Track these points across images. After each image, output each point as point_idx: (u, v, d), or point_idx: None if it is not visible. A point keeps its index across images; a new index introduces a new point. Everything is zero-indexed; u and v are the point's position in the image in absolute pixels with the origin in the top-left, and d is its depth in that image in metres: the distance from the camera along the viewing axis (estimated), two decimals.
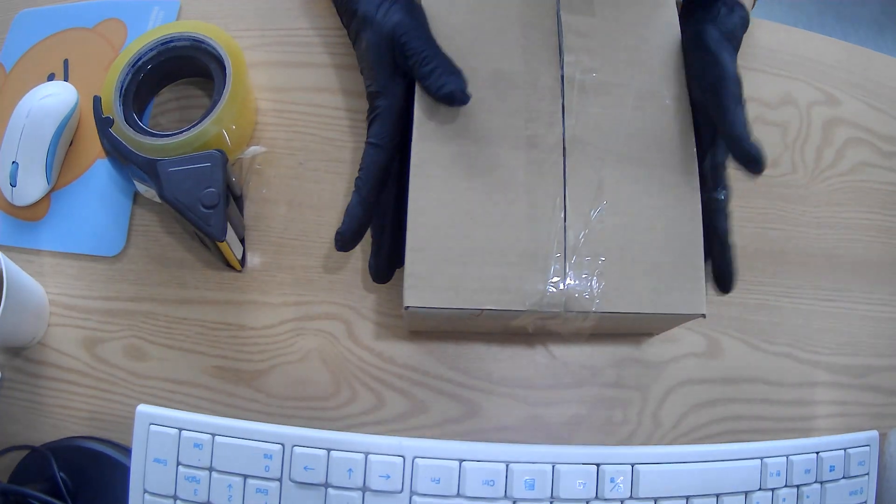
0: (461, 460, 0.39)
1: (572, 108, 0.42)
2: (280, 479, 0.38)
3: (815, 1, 1.58)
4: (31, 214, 0.47)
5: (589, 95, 0.42)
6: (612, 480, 0.39)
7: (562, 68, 0.42)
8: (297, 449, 0.39)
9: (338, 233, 0.41)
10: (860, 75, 0.56)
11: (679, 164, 0.42)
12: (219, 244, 0.41)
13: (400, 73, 0.42)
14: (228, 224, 0.41)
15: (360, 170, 0.42)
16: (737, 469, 0.41)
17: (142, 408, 0.39)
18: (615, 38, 0.44)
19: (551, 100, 0.42)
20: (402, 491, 0.39)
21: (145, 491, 0.38)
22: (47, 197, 0.48)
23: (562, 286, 0.39)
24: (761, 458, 0.41)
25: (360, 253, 0.47)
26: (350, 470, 0.38)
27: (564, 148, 0.41)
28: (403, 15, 0.42)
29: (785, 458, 0.42)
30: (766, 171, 0.51)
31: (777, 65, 0.55)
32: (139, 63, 0.46)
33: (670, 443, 0.45)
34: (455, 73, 0.40)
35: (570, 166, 0.41)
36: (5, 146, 0.47)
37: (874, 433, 0.44)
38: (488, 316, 0.39)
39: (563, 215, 0.40)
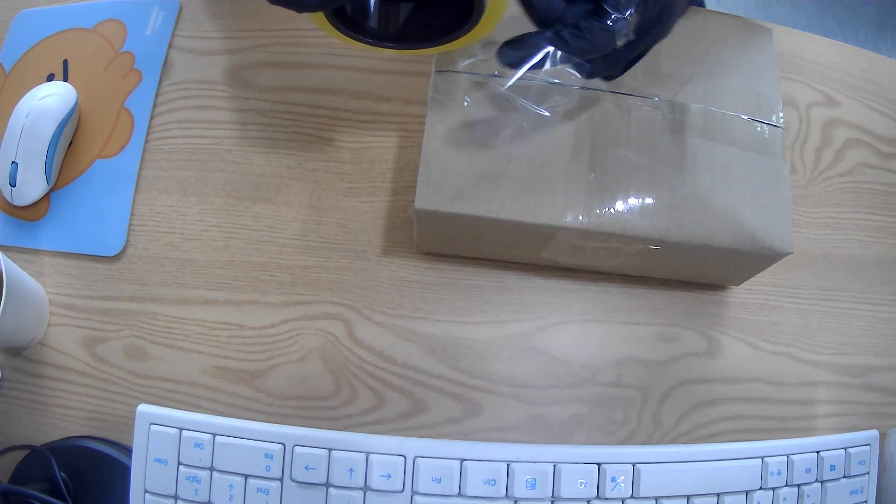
0: (462, 460, 0.39)
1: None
2: (281, 479, 0.38)
3: (815, 2, 1.58)
4: (30, 214, 0.47)
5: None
6: (613, 480, 0.39)
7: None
8: (297, 448, 0.38)
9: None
10: (859, 77, 0.56)
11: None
12: None
13: None
14: None
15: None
16: (737, 468, 0.41)
17: (142, 407, 0.39)
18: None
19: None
20: (403, 490, 0.38)
21: (146, 491, 0.38)
22: (47, 197, 0.48)
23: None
24: (762, 458, 0.41)
25: (361, 253, 0.47)
26: (351, 470, 0.38)
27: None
28: None
29: (785, 457, 0.42)
30: None
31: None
32: None
33: (671, 442, 0.45)
34: None
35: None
36: (5, 146, 0.47)
37: (874, 432, 0.45)
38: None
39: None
